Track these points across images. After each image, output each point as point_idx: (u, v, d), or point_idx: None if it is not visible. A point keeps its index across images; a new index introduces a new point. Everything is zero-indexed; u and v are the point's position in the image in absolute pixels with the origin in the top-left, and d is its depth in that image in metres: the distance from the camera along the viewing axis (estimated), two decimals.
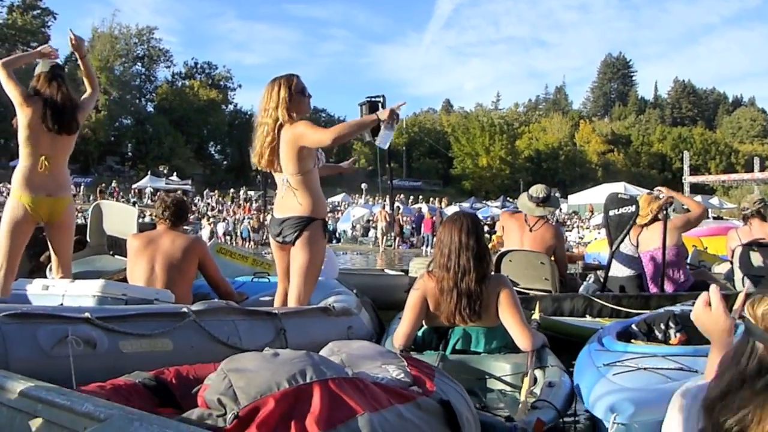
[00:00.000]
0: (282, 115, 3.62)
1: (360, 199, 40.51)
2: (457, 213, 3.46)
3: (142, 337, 2.50)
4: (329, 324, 3.63)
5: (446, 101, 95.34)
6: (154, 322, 2.63)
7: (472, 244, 3.06)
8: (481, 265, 3.06)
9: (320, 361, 1.63)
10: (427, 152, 70.23)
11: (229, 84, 68.13)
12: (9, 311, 2.20)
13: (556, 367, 2.81)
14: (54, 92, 4.07)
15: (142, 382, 1.78)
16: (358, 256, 20.81)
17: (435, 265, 3.14)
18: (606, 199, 5.36)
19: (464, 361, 2.98)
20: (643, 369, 2.53)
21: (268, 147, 3.66)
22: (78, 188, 38.06)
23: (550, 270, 4.95)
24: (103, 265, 5.22)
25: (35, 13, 56.99)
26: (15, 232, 4.00)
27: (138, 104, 62.32)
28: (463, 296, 3.01)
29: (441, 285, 3.06)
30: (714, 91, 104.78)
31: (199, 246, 4.22)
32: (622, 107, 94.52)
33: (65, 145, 4.13)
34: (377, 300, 4.90)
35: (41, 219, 4.08)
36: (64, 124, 4.06)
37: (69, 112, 4.10)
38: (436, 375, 1.90)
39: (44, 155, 4.02)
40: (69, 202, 4.21)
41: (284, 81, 3.69)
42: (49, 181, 4.04)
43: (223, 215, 31.23)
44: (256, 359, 1.58)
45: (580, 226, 30.46)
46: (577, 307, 4.68)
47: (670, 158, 73.36)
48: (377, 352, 2.02)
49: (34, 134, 4.00)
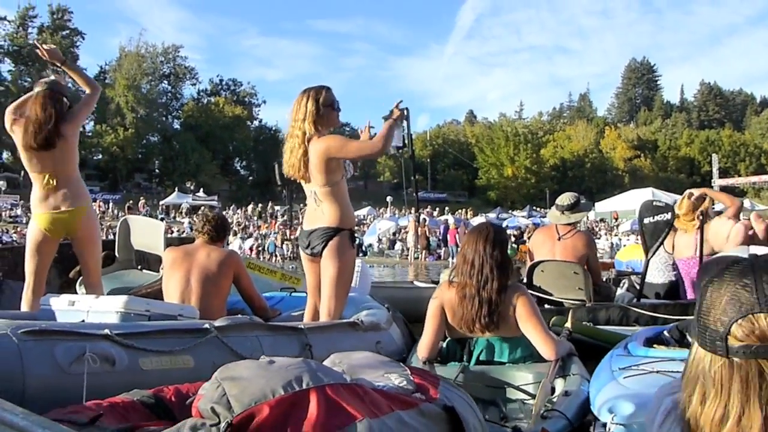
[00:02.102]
0: (308, 129, 3.61)
1: (386, 212, 40.49)
2: (481, 223, 3.50)
3: (163, 354, 2.45)
4: (357, 339, 3.54)
5: (469, 112, 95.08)
6: (175, 338, 2.58)
7: (496, 254, 3.09)
8: (503, 275, 3.08)
9: (317, 367, 1.58)
10: (451, 164, 70.31)
11: (254, 100, 69.20)
12: (27, 328, 2.17)
13: (579, 375, 2.80)
14: (34, 110, 3.97)
15: (140, 399, 1.75)
16: (385, 269, 20.73)
17: (457, 273, 3.15)
18: (640, 206, 5.26)
19: (486, 372, 2.98)
20: (655, 372, 2.49)
21: (300, 159, 3.64)
22: (107, 205, 38.68)
23: (583, 279, 4.81)
24: (131, 280, 5.22)
25: (64, 34, 58.44)
26: (34, 252, 4.05)
27: (165, 122, 63.38)
28: (484, 304, 3.02)
29: (463, 292, 3.07)
30: (741, 92, 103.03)
31: (235, 260, 4.18)
32: (648, 112, 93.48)
33: (62, 157, 4.02)
34: (408, 312, 4.80)
35: (60, 235, 4.07)
36: (44, 140, 3.93)
37: (47, 126, 3.93)
38: (441, 384, 1.87)
39: (46, 173, 3.98)
40: (83, 213, 4.10)
41: (313, 94, 3.67)
42: (54, 196, 4.01)
43: (249, 230, 31.36)
44: (251, 367, 1.54)
45: (608, 233, 30.04)
46: (612, 317, 4.55)
47: (698, 162, 72.43)
48: (379, 362, 1.99)
49: (28, 155, 3.99)
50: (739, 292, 0.96)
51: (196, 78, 66.66)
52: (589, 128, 76.68)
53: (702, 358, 1.01)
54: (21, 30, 56.30)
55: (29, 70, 51.35)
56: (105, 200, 41.19)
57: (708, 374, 0.99)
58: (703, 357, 1.01)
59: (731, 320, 0.95)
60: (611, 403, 2.20)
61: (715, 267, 1.04)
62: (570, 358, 3.02)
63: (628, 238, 27.00)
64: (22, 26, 56.39)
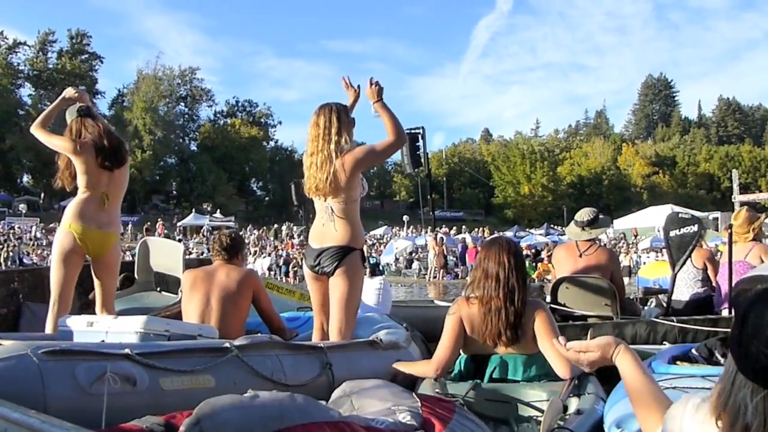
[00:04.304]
0: (343, 141, 3.59)
1: (402, 231, 40.46)
2: (496, 237, 3.46)
3: (184, 374, 2.42)
4: (376, 357, 3.50)
5: (485, 130, 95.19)
6: (195, 357, 2.56)
7: (519, 266, 3.08)
8: (525, 287, 3.06)
9: (303, 403, 1.57)
10: (467, 182, 70.21)
11: (270, 121, 69.61)
12: (47, 348, 2.16)
13: (594, 394, 2.75)
14: (95, 132, 4.15)
15: (150, 427, 1.72)
16: (402, 288, 20.66)
17: (476, 288, 3.09)
18: (666, 219, 5.19)
19: (499, 389, 2.94)
20: (672, 388, 2.43)
21: (330, 173, 3.57)
22: (125, 227, 38.99)
23: (609, 295, 4.73)
24: (151, 302, 5.21)
25: (83, 58, 59.51)
26: (65, 262, 4.03)
27: (182, 143, 63.96)
28: (512, 316, 2.98)
29: (488, 306, 3.01)
30: (760, 107, 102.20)
31: (254, 279, 4.16)
32: (666, 128, 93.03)
33: (122, 178, 4.25)
34: (428, 332, 4.75)
35: (88, 252, 4.10)
36: (116, 159, 4.18)
37: (116, 145, 4.20)
38: (454, 417, 1.84)
39: (105, 192, 4.14)
40: (117, 239, 4.28)
41: (337, 108, 3.68)
42: (102, 215, 4.12)
43: (267, 250, 31.44)
44: (232, 402, 1.52)
45: (626, 251, 29.77)
46: (639, 332, 4.46)
47: (718, 178, 71.88)
48: (390, 392, 1.96)
49: (95, 176, 4.11)
50: None
51: (212, 100, 67.37)
52: (606, 145, 76.49)
53: (742, 386, 0.96)
54: (41, 54, 57.32)
55: (49, 94, 52.11)
56: (123, 222, 41.46)
57: (749, 404, 0.94)
58: (743, 385, 0.96)
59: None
60: (621, 419, 2.17)
61: (756, 288, 1.00)
62: (586, 377, 2.95)
63: (648, 255, 26.78)
64: (41, 51, 57.44)
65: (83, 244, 4.04)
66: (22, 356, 2.11)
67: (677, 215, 5.19)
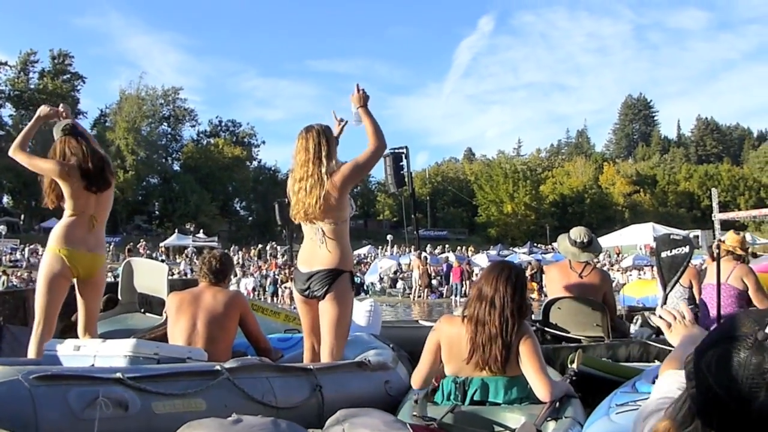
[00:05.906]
0: (331, 165, 3.61)
1: (386, 250, 40.41)
2: (501, 263, 3.38)
3: (175, 397, 2.42)
4: (366, 379, 3.52)
5: (468, 149, 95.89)
6: (187, 380, 2.55)
7: (517, 298, 2.99)
8: (521, 317, 3.00)
9: (287, 428, 1.56)
10: (451, 201, 70.49)
11: (253, 140, 69.50)
12: (39, 373, 2.15)
13: (571, 418, 2.72)
14: (81, 154, 4.07)
15: None
16: (387, 308, 20.61)
17: (472, 311, 3.02)
18: (657, 240, 5.29)
19: (478, 413, 2.91)
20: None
21: (319, 198, 3.56)
22: (107, 247, 38.53)
23: (601, 316, 4.77)
24: (135, 323, 5.16)
25: (65, 78, 59.21)
26: (52, 287, 3.95)
27: (164, 163, 63.71)
28: (503, 348, 2.92)
29: (481, 330, 2.95)
30: (738, 127, 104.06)
31: (241, 301, 4.14)
32: (646, 147, 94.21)
33: (107, 200, 4.22)
34: (416, 353, 4.75)
35: (76, 274, 4.05)
36: (102, 181, 4.13)
37: (101, 167, 4.14)
38: None
39: (93, 215, 4.11)
40: (104, 261, 4.28)
41: (323, 130, 3.70)
42: (90, 238, 4.09)
43: (250, 271, 31.26)
44: (213, 428, 1.50)
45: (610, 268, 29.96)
46: (632, 353, 4.49)
47: (698, 196, 72.67)
48: (384, 422, 1.94)
49: (82, 199, 4.06)
50: None
51: (195, 120, 67.19)
52: (587, 164, 77.19)
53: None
54: (22, 75, 56.95)
55: (30, 114, 51.40)
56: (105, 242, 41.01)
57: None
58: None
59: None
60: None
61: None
62: (568, 401, 2.94)
63: (630, 273, 26.94)
64: (23, 71, 57.06)
65: (72, 267, 3.99)
66: (14, 381, 2.09)
67: (669, 236, 5.29)
